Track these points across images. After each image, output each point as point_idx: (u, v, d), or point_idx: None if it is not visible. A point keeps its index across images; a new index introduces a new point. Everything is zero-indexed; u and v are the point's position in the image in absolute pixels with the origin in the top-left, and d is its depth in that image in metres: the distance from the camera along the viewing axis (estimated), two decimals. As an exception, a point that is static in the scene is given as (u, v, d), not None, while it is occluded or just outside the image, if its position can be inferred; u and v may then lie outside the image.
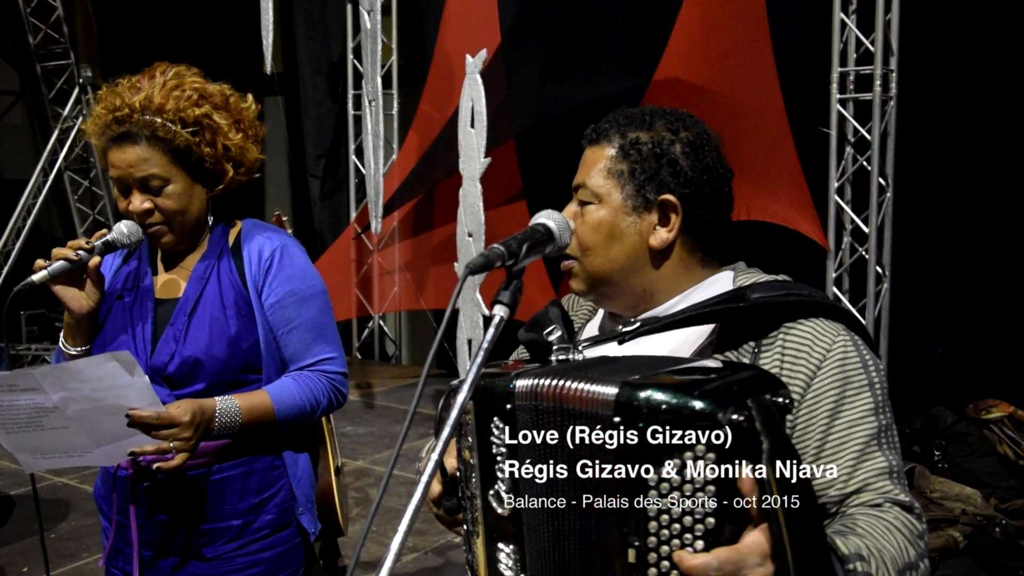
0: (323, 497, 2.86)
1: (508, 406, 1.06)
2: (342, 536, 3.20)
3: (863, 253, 5.07)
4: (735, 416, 0.92)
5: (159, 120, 1.67)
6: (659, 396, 0.96)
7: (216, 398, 1.70)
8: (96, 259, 1.70)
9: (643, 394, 0.97)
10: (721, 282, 1.28)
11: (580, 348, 1.19)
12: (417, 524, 0.90)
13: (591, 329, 1.38)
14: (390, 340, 7.74)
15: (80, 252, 1.68)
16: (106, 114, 1.69)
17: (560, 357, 1.17)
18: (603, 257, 1.26)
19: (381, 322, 7.60)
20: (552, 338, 1.20)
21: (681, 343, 1.22)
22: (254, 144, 1.80)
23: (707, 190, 1.24)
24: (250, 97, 1.84)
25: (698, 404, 0.94)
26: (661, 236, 1.24)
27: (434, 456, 0.92)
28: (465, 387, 0.96)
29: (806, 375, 1.14)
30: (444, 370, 6.19)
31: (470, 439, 1.10)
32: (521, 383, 1.07)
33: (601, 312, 1.39)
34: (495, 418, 1.07)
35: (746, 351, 1.18)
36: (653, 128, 1.25)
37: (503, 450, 1.07)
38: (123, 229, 1.73)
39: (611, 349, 1.20)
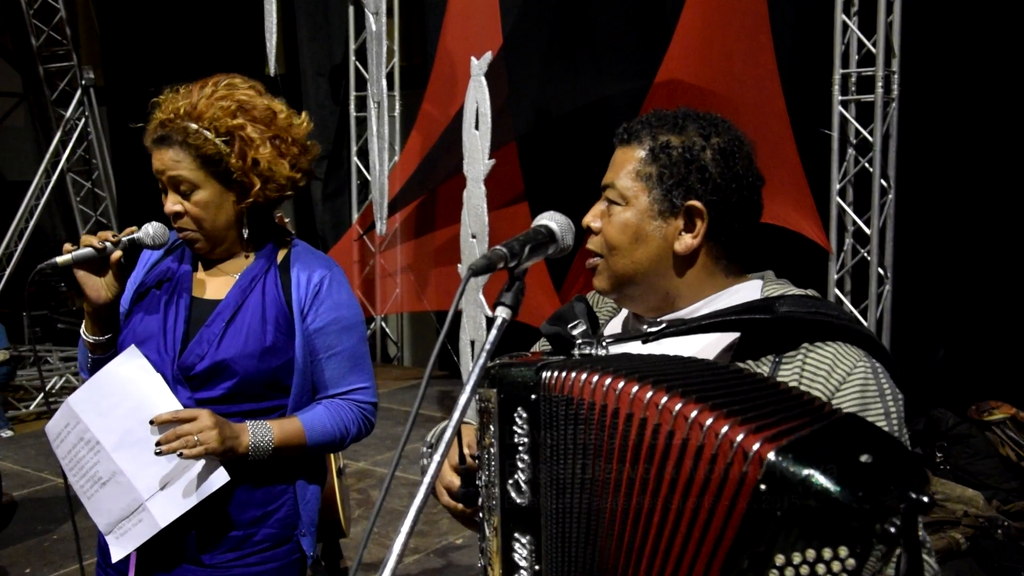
0: (325, 499, 2.86)
1: (533, 396, 1.06)
2: (344, 538, 3.20)
3: (865, 255, 5.07)
4: (888, 527, 0.85)
5: (194, 126, 1.71)
6: (824, 482, 0.86)
7: (248, 422, 1.72)
8: (118, 252, 1.74)
9: (805, 472, 0.87)
10: (747, 290, 1.27)
11: (604, 344, 1.18)
12: (419, 526, 0.90)
13: (615, 326, 1.38)
14: (392, 342, 7.74)
15: (106, 243, 1.74)
16: (159, 118, 1.75)
17: (583, 351, 1.16)
18: (627, 258, 1.25)
19: (383, 323, 7.61)
20: (576, 332, 1.19)
21: (704, 347, 1.22)
22: (290, 161, 1.78)
23: (735, 198, 1.23)
24: (304, 115, 1.85)
25: (861, 504, 0.85)
26: (686, 242, 1.24)
27: (437, 457, 0.92)
28: (468, 387, 0.96)
29: (823, 396, 1.13)
30: (446, 371, 6.19)
31: (492, 427, 1.09)
32: (547, 374, 1.06)
33: (625, 310, 1.39)
34: (519, 408, 1.06)
35: (765, 362, 1.17)
36: (685, 132, 1.24)
37: (525, 440, 1.06)
38: (149, 230, 1.78)
39: (634, 348, 1.20)
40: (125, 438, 1.69)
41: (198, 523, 1.73)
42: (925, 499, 0.86)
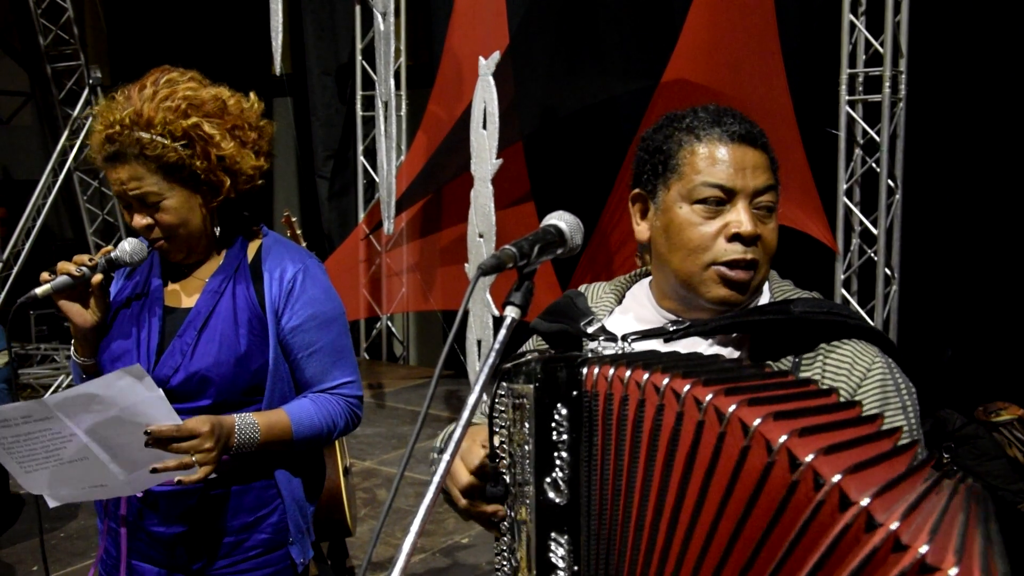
0: (331, 497, 2.87)
1: (575, 393, 1.03)
2: (350, 536, 3.21)
3: (872, 255, 5.06)
4: None
5: (148, 136, 1.62)
6: None
7: (234, 415, 1.66)
8: (98, 276, 1.67)
9: None
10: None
11: (629, 340, 1.16)
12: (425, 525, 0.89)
13: (617, 322, 1.35)
14: (398, 341, 7.74)
15: (83, 268, 1.65)
16: (102, 131, 1.65)
17: (606, 349, 1.14)
18: (768, 264, 1.25)
19: (389, 323, 7.61)
20: (591, 329, 1.17)
21: (720, 346, 1.23)
22: (252, 150, 1.72)
23: None
24: (252, 96, 1.77)
25: None
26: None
27: (446, 456, 0.92)
28: (477, 387, 0.96)
29: (847, 393, 1.15)
30: (452, 371, 6.19)
31: (527, 424, 1.06)
32: (590, 370, 1.02)
33: (621, 307, 1.37)
34: (558, 404, 1.03)
35: (785, 362, 1.19)
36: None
37: (565, 437, 1.03)
38: (126, 247, 1.70)
39: (656, 346, 1.20)
40: (105, 442, 1.59)
41: (189, 530, 1.69)
42: None
